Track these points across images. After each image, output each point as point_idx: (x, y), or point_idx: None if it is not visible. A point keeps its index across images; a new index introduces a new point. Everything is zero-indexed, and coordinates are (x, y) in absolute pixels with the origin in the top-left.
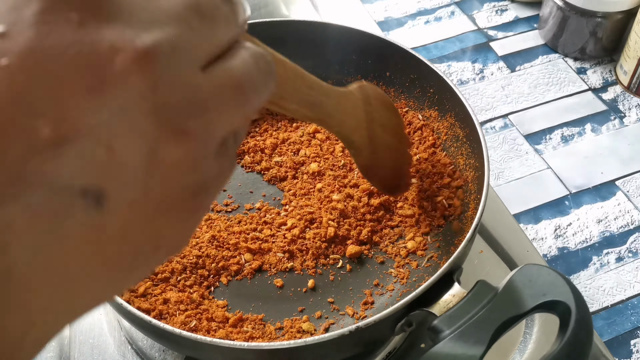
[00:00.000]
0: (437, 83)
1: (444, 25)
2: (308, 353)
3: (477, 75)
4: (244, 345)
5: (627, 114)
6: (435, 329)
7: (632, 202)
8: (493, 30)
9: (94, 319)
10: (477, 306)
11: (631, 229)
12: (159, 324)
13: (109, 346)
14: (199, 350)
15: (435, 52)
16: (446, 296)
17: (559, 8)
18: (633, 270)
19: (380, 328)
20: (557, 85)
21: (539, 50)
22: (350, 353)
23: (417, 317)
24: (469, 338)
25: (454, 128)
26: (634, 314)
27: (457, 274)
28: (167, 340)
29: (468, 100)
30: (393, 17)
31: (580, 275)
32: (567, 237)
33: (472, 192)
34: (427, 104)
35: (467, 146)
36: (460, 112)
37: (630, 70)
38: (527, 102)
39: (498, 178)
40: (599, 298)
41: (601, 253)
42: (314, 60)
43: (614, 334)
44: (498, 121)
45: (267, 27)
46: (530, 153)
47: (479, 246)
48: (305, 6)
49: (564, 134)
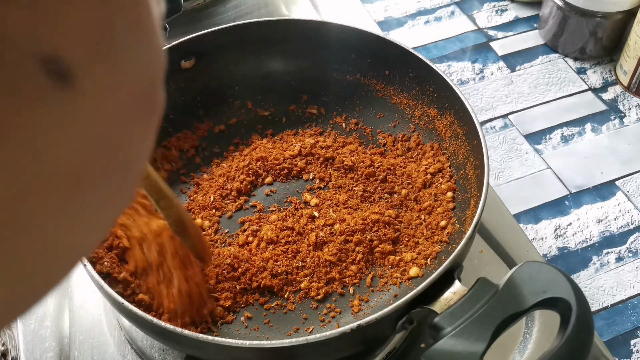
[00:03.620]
0: (436, 82)
1: (444, 25)
2: (309, 351)
3: (477, 75)
4: (245, 344)
5: (627, 114)
6: (437, 327)
7: (632, 202)
8: (493, 30)
9: (94, 318)
10: (478, 303)
11: (631, 229)
12: (160, 323)
13: (109, 346)
14: (199, 349)
15: (435, 52)
16: (447, 294)
17: (559, 8)
18: (633, 270)
19: (381, 326)
20: (557, 85)
21: (539, 50)
22: (352, 351)
23: (418, 315)
24: (470, 335)
25: (453, 127)
26: (634, 314)
27: (458, 271)
28: (168, 339)
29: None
30: (393, 17)
31: (580, 275)
32: (567, 237)
33: (472, 191)
34: (427, 103)
35: (466, 144)
36: (460, 111)
37: (630, 70)
38: (527, 102)
39: (498, 178)
40: (599, 298)
41: (601, 253)
42: (314, 59)
43: (614, 334)
44: (498, 121)
45: (267, 27)
46: (530, 153)
47: (479, 246)
48: (305, 6)
49: (564, 134)
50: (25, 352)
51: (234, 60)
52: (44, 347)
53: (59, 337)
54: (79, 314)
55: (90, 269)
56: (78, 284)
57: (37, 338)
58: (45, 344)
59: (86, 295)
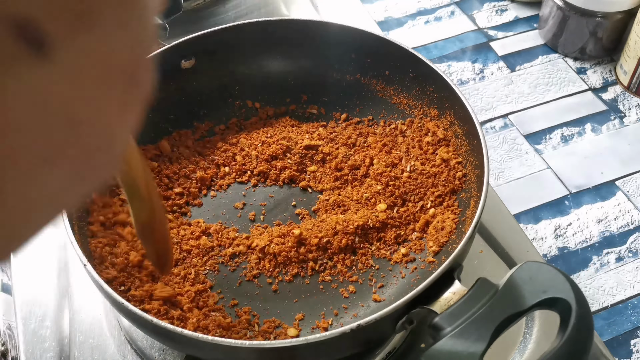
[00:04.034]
0: (436, 82)
1: (444, 25)
2: (309, 351)
3: (477, 75)
4: (245, 344)
5: (627, 114)
6: (436, 327)
7: (632, 202)
8: (493, 30)
9: (94, 318)
10: (478, 303)
11: (631, 229)
12: (160, 323)
13: (109, 346)
14: (199, 349)
15: (435, 52)
16: (447, 294)
17: (559, 8)
18: (633, 270)
19: (381, 326)
20: (557, 85)
21: (539, 50)
22: (352, 351)
23: (418, 315)
24: (470, 335)
25: (453, 127)
26: (634, 314)
27: (458, 271)
28: (168, 339)
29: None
30: (393, 17)
31: (580, 275)
32: (567, 237)
33: (472, 191)
34: (427, 103)
35: (466, 144)
36: (460, 111)
37: (630, 70)
38: (527, 102)
39: (498, 178)
40: (599, 298)
41: (601, 253)
42: (314, 59)
43: (614, 334)
44: (498, 121)
45: (267, 27)
46: (530, 153)
47: (479, 246)
48: (305, 6)
49: (564, 134)
50: (25, 352)
51: (234, 60)
52: (44, 347)
53: (59, 337)
54: (79, 314)
55: (90, 269)
56: (78, 284)
57: (37, 338)
58: (45, 344)
59: (86, 295)
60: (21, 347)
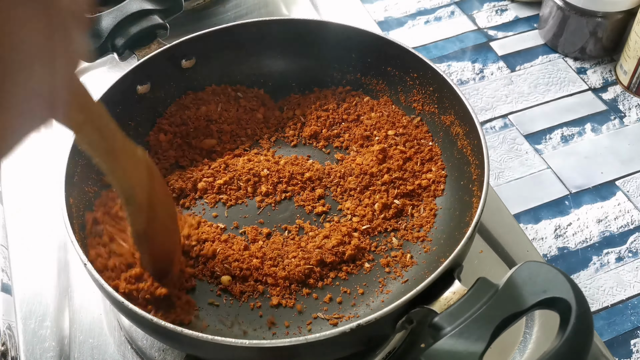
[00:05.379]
0: (436, 82)
1: (444, 25)
2: (309, 351)
3: (477, 75)
4: (245, 343)
5: (627, 113)
6: (436, 326)
7: (632, 202)
8: (493, 30)
9: (94, 319)
10: (478, 303)
11: (631, 229)
12: (160, 322)
13: (109, 346)
14: (199, 349)
15: (435, 52)
16: (447, 293)
17: (559, 8)
18: (633, 270)
19: (381, 325)
20: (557, 85)
21: (539, 50)
22: (352, 351)
23: (417, 315)
24: (470, 335)
25: (453, 126)
26: (634, 314)
27: (458, 271)
28: (168, 338)
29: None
30: (393, 17)
31: (580, 275)
32: (567, 237)
33: (472, 191)
34: (427, 102)
35: (466, 144)
36: (460, 111)
37: (630, 70)
38: (527, 102)
39: (498, 178)
40: (599, 298)
41: (601, 253)
42: (314, 59)
43: (614, 334)
44: (498, 121)
45: (267, 27)
46: (530, 153)
47: (479, 246)
48: (305, 6)
49: (564, 134)
50: (25, 352)
51: (234, 60)
52: (44, 347)
53: (59, 337)
54: (79, 314)
55: (91, 269)
56: (78, 284)
57: (37, 338)
58: (45, 344)
59: (86, 295)
60: (21, 347)
